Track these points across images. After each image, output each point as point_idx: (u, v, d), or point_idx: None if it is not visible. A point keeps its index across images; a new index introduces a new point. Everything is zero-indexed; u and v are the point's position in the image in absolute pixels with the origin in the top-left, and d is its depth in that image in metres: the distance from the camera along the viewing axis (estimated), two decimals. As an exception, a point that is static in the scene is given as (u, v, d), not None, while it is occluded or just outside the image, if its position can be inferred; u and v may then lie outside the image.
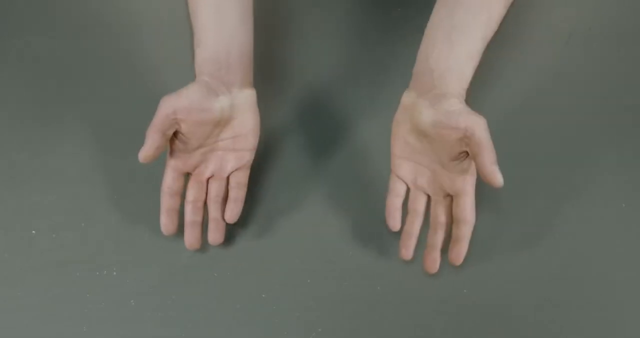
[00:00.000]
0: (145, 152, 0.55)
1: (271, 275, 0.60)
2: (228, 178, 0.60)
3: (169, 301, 0.59)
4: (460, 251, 0.56)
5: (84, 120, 0.68)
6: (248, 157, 0.60)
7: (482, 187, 0.64)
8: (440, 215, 0.58)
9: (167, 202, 0.58)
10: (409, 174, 0.59)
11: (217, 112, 0.57)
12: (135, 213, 0.63)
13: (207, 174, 0.60)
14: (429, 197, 0.59)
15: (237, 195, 0.60)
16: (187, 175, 0.60)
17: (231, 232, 0.62)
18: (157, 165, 0.66)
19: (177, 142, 0.58)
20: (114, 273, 0.60)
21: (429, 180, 0.58)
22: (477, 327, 0.58)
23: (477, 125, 0.52)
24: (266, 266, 0.61)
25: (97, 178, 0.65)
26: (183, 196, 0.59)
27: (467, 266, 0.60)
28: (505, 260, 0.60)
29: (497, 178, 0.51)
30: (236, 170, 0.60)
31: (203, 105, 0.56)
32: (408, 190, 0.60)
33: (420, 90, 0.57)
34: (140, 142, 0.67)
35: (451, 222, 0.57)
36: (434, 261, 0.57)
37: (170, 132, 0.56)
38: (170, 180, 0.58)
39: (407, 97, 0.58)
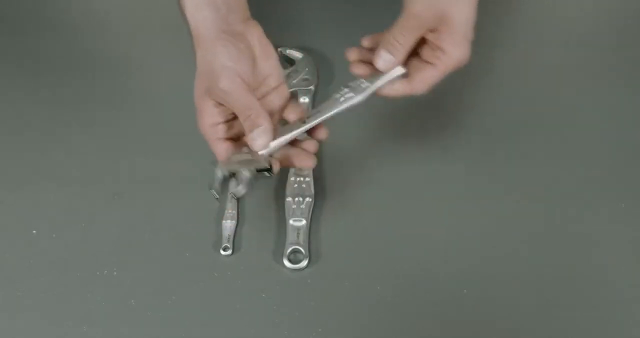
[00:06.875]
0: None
1: (271, 275, 0.60)
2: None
3: (169, 301, 0.59)
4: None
5: (84, 121, 0.68)
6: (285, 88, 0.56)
7: (483, 187, 0.64)
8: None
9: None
10: None
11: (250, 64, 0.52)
12: (135, 213, 0.63)
13: None
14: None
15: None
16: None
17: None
18: (157, 164, 0.66)
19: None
20: (114, 273, 0.60)
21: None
22: (477, 327, 0.58)
23: (454, 49, 0.51)
24: (266, 266, 0.61)
25: (97, 178, 0.65)
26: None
27: (467, 266, 0.60)
28: (505, 260, 0.60)
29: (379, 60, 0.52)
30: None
31: (247, 65, 0.51)
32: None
33: None
34: (139, 141, 0.67)
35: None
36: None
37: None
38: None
39: None
